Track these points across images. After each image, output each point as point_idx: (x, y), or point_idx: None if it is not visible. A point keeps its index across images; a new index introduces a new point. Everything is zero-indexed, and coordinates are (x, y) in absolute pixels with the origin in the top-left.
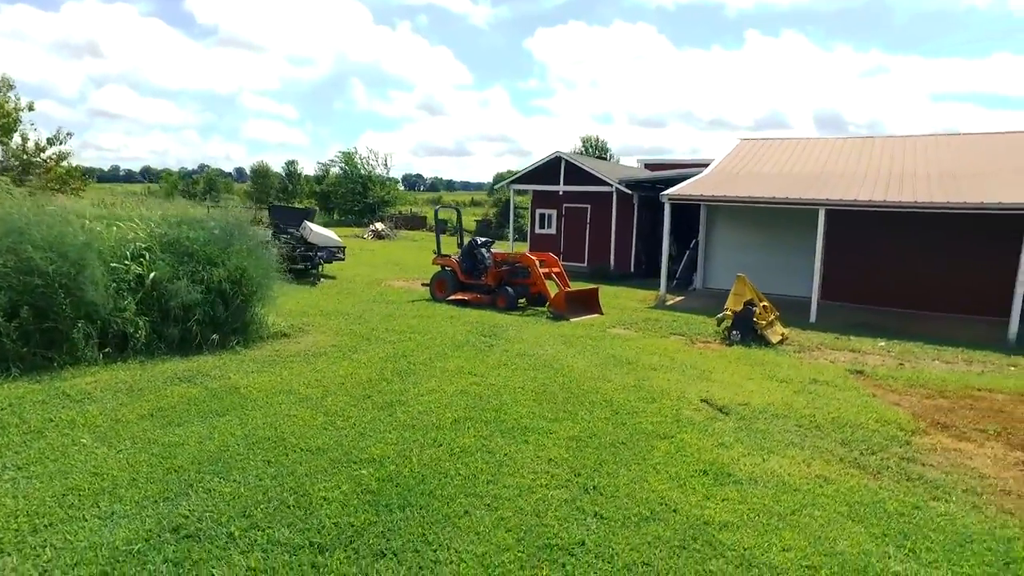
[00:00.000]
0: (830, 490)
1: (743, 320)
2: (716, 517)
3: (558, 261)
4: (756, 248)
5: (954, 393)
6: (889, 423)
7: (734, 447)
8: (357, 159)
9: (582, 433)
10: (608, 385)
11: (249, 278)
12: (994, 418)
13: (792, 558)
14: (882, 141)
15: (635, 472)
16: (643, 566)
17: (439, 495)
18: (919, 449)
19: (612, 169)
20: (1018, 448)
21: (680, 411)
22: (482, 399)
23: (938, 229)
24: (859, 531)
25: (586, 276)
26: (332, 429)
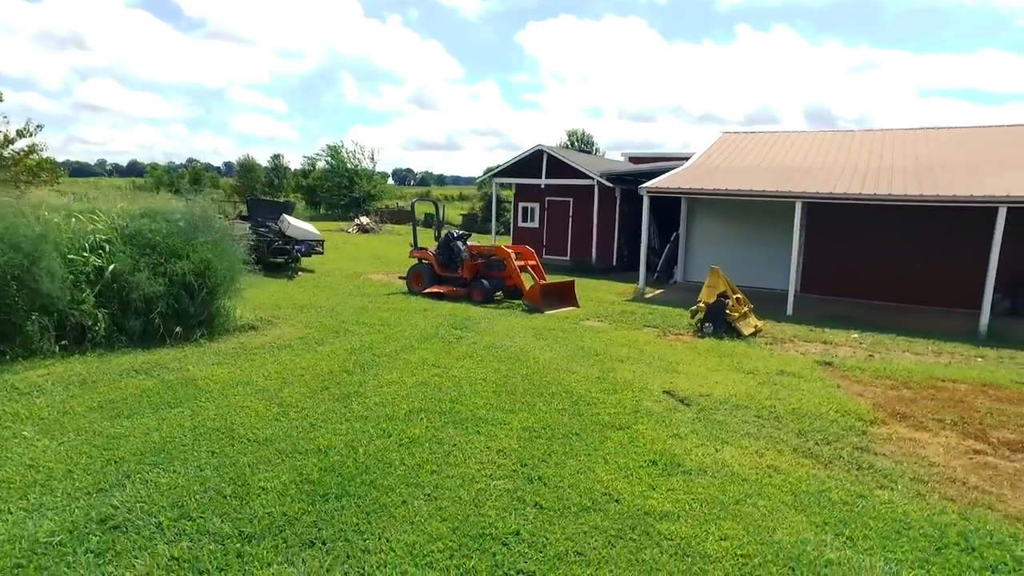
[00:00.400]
0: (778, 480)
1: (715, 312)
2: (658, 507)
3: (534, 254)
4: (736, 241)
5: (918, 384)
6: (848, 414)
7: (688, 438)
8: (344, 153)
9: (536, 424)
10: (572, 377)
11: (214, 270)
12: (953, 408)
13: (727, 547)
14: (863, 135)
15: (583, 463)
16: (575, 555)
17: (379, 485)
18: (874, 439)
19: (594, 162)
20: (971, 437)
21: (640, 402)
22: (441, 390)
23: (917, 222)
24: (801, 520)
25: (568, 269)
26: (284, 420)
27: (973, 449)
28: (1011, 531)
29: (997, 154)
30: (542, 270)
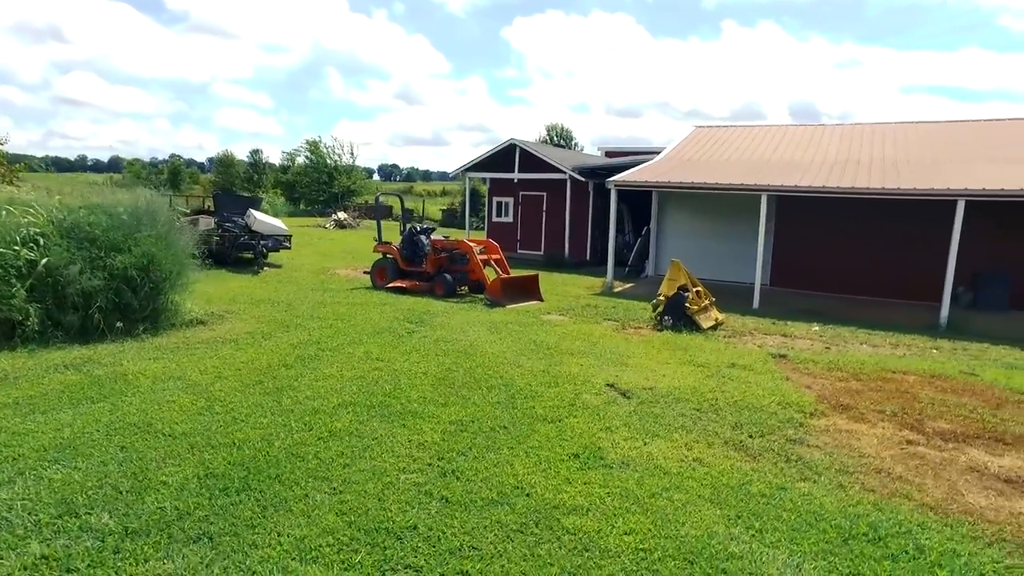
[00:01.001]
0: (701, 473)
1: (674, 305)
2: (568, 501)
3: (498, 248)
4: (708, 235)
5: (868, 375)
6: (790, 406)
7: (619, 431)
8: (323, 148)
9: (466, 417)
10: (516, 370)
11: (158, 265)
12: (897, 399)
13: (630, 541)
14: (836, 129)
15: (504, 456)
16: (470, 549)
17: (285, 479)
18: (811, 431)
19: (567, 156)
20: (907, 428)
21: (579, 395)
22: (377, 384)
23: (885, 217)
24: (714, 513)
25: (541, 264)
26: (207, 415)
27: (906, 440)
28: (920, 520)
29: (962, 150)
30: (506, 264)
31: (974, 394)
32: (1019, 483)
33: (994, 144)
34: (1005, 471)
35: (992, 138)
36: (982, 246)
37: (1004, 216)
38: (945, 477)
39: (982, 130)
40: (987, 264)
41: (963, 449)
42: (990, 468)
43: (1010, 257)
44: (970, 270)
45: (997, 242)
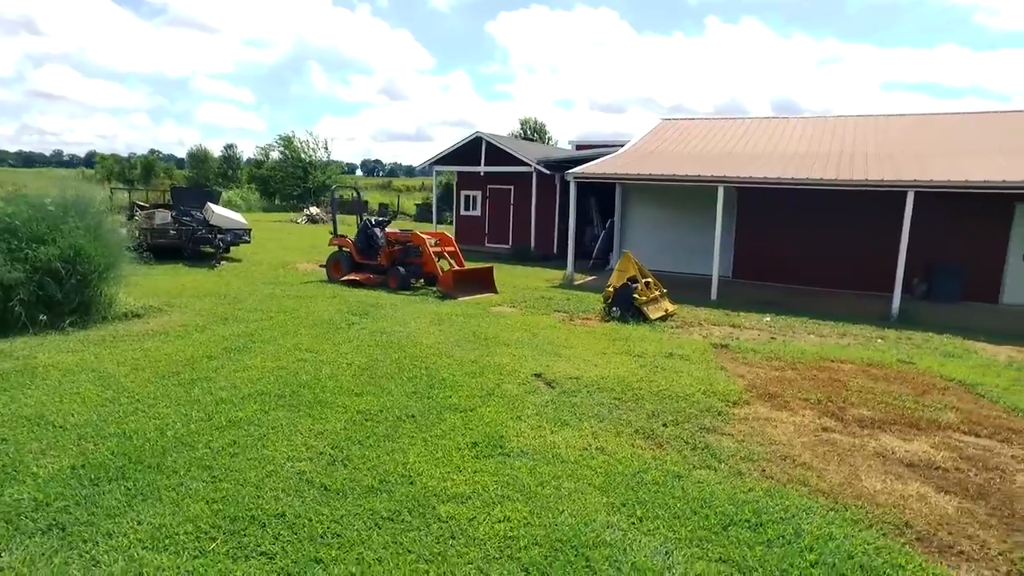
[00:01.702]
0: (599, 461)
1: (622, 296)
2: (451, 489)
3: (452, 240)
4: (671, 227)
5: (805, 364)
6: (715, 395)
7: (529, 420)
8: (297, 143)
9: (375, 407)
10: (445, 360)
11: (87, 257)
12: (827, 387)
13: (500, 529)
14: (802, 122)
15: (401, 445)
16: (333, 537)
17: (166, 468)
18: (729, 419)
19: (534, 149)
20: (828, 415)
21: (501, 385)
22: (297, 375)
23: (843, 209)
24: (599, 501)
25: (507, 257)
26: (109, 406)
27: (823, 427)
28: (808, 505)
29: (922, 143)
30: (460, 256)
31: (904, 382)
32: (919, 467)
33: (954, 138)
34: (910, 456)
35: (953, 132)
36: (938, 238)
37: (959, 209)
38: (849, 463)
39: (943, 124)
40: (943, 256)
41: (877, 435)
42: (897, 453)
43: (964, 249)
44: (925, 262)
45: (952, 234)
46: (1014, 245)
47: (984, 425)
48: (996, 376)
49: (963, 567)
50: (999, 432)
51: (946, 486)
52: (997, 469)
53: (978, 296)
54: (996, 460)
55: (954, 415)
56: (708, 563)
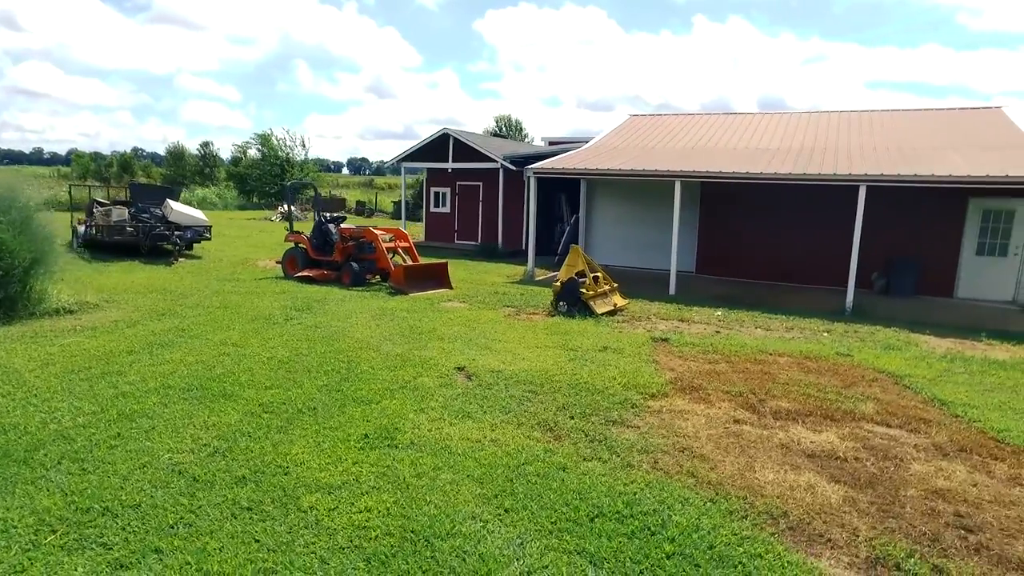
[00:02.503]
0: (486, 453)
1: (569, 291)
2: (324, 480)
3: (407, 236)
4: (636, 223)
5: (740, 358)
6: (635, 388)
7: (431, 412)
8: (274, 141)
9: (279, 400)
10: (371, 354)
11: (10, 252)
12: (755, 380)
13: (358, 519)
14: (770, 117)
15: (291, 436)
16: (184, 527)
17: (34, 461)
18: (642, 412)
19: (501, 145)
20: (745, 407)
21: (418, 378)
22: (212, 369)
23: (805, 204)
24: (471, 492)
25: (475, 254)
26: (2, 399)
27: (735, 419)
28: (686, 496)
29: (880, 139)
30: (415, 252)
31: (835, 374)
32: (819, 457)
33: (915, 134)
34: (815, 447)
35: (913, 129)
36: (897, 234)
37: (917, 205)
38: (749, 454)
39: (903, 120)
40: (903, 251)
41: (788, 427)
42: (802, 444)
43: (922, 245)
44: (884, 257)
45: (911, 230)
46: (967, 240)
47: (898, 416)
48: (927, 368)
49: (825, 555)
50: (910, 422)
51: (839, 476)
52: (895, 458)
53: (934, 290)
54: (898, 450)
55: (872, 406)
56: (559, 554)
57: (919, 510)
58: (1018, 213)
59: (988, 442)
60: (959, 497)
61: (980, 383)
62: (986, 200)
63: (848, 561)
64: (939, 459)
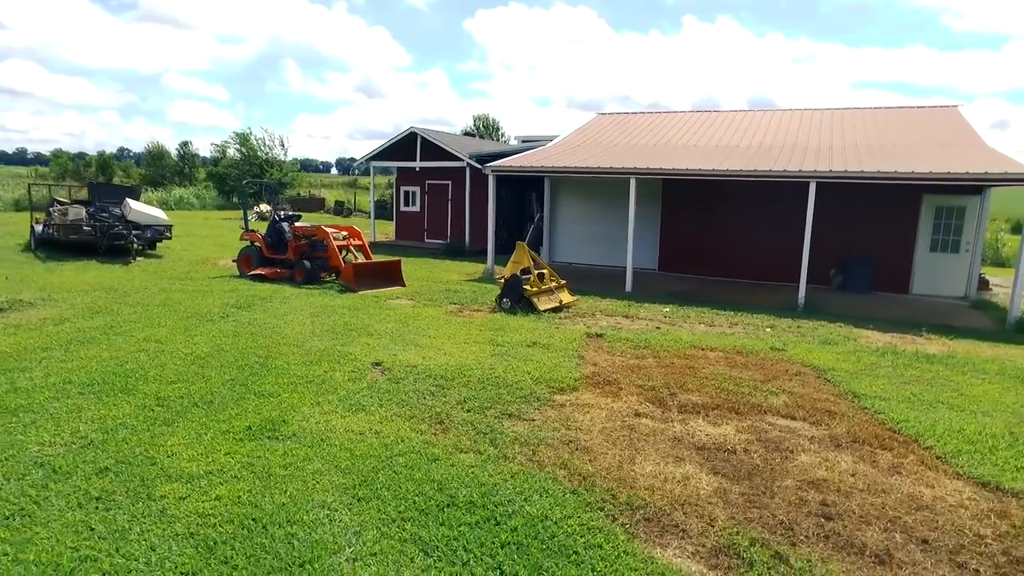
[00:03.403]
0: (364, 445)
1: (512, 288)
2: (187, 470)
3: (361, 234)
4: (600, 220)
5: (670, 353)
6: (546, 382)
7: (326, 406)
8: (253, 141)
9: (179, 394)
10: (292, 350)
11: None
12: (675, 374)
13: (205, 507)
14: (737, 115)
15: (174, 428)
16: (20, 516)
17: None
18: (544, 405)
19: (468, 144)
20: (652, 402)
21: (330, 373)
22: (123, 364)
23: (764, 201)
24: (331, 482)
25: (442, 252)
26: None
27: (638, 412)
28: (547, 487)
29: (838, 136)
30: (368, 250)
31: (760, 368)
32: (708, 450)
33: (874, 132)
34: (708, 439)
35: (872, 126)
36: (856, 231)
37: (874, 202)
38: (636, 447)
39: (863, 118)
40: (860, 248)
41: (689, 420)
42: (696, 437)
43: (879, 242)
44: (842, 254)
45: (868, 227)
46: (921, 237)
47: (806, 408)
48: (855, 362)
49: (672, 544)
50: (815, 415)
51: (720, 468)
52: (785, 450)
53: (890, 287)
54: (791, 442)
55: (784, 399)
56: (394, 542)
57: (787, 500)
58: (968, 210)
59: (884, 433)
60: (832, 487)
61: (901, 376)
62: (938, 197)
63: (692, 551)
64: (829, 450)
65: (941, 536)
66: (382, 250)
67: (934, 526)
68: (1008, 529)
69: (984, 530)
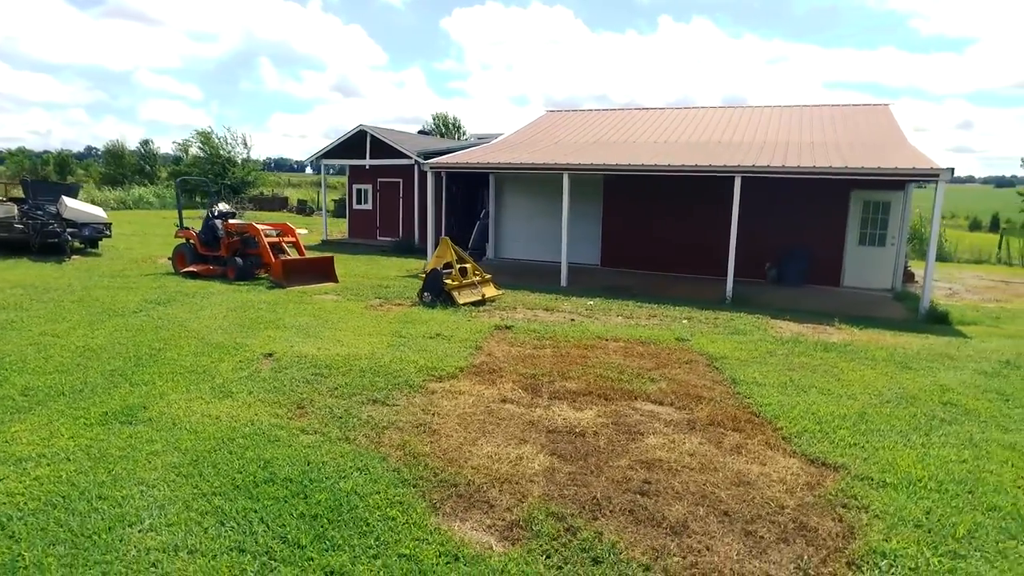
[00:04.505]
0: (214, 428)
1: (432, 282)
2: (19, 453)
3: (294, 231)
4: (543, 216)
5: (572, 344)
6: (428, 370)
7: (196, 392)
8: (215, 139)
9: (48, 384)
10: (190, 343)
11: None
12: (563, 363)
13: (17, 488)
14: (683, 112)
15: (29, 415)
16: None
17: None
18: (415, 392)
19: (418, 142)
20: (525, 389)
21: (217, 363)
22: (4, 358)
23: (700, 197)
24: (165, 461)
25: (391, 250)
26: None
27: (506, 399)
28: (368, 466)
29: (776, 133)
30: (301, 246)
31: (654, 357)
32: (559, 432)
33: (809, 128)
34: (564, 423)
35: (807, 123)
36: (792, 226)
37: (808, 198)
38: (486, 430)
39: (800, 115)
40: (794, 243)
41: (554, 405)
42: (553, 421)
43: (814, 236)
44: (777, 248)
45: (803, 222)
46: (851, 231)
47: (678, 394)
48: (751, 351)
49: (472, 519)
50: (684, 400)
51: (560, 450)
52: (636, 433)
53: (823, 280)
54: (646, 425)
55: (663, 386)
56: (196, 514)
57: (612, 478)
58: (893, 205)
59: (744, 416)
60: (664, 466)
61: (789, 364)
62: (865, 192)
63: (489, 524)
64: (681, 433)
65: (745, 508)
66: (334, 248)
67: (744, 499)
68: (812, 500)
69: (789, 501)
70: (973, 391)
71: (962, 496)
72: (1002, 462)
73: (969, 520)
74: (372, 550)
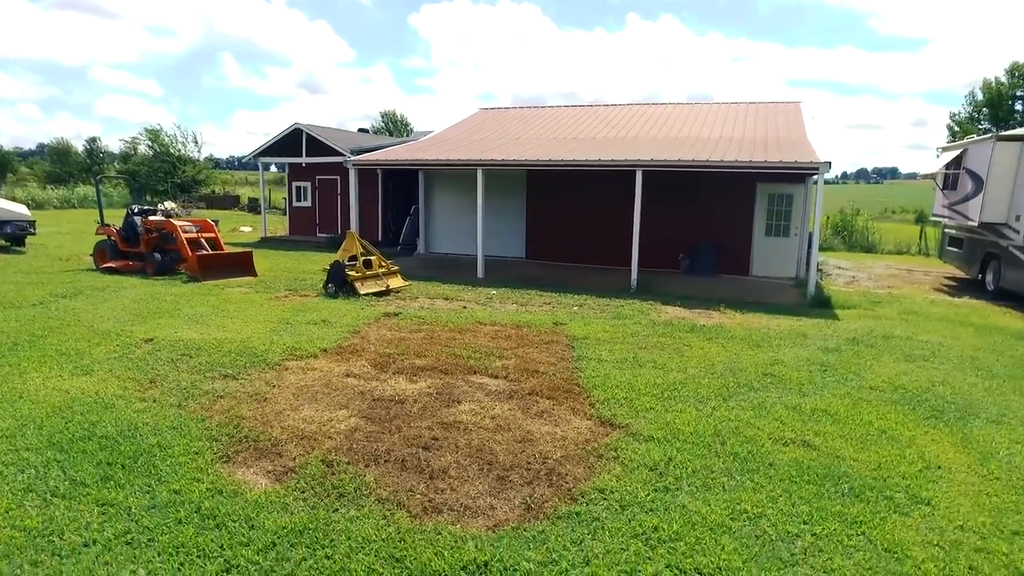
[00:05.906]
0: (61, 399)
1: (335, 274)
2: None
3: (214, 227)
4: (469, 212)
5: (449, 328)
6: (293, 351)
7: (59, 371)
8: (165, 137)
9: None
10: (78, 331)
11: None
12: (427, 344)
13: None
14: (610, 109)
15: None
16: None
17: None
18: (270, 368)
19: (352, 139)
20: (374, 365)
21: (95, 347)
22: None
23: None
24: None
25: (326, 246)
26: None
27: (351, 373)
28: (184, 426)
29: (684, 128)
30: (220, 242)
31: (518, 339)
32: (381, 400)
33: (719, 124)
34: (393, 393)
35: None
36: (703, 218)
37: (720, 191)
38: (314, 398)
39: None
40: (707, 234)
41: (392, 379)
42: (383, 391)
43: (726, 228)
44: (691, 240)
45: (716, 215)
46: (758, 223)
47: (518, 370)
48: (615, 333)
49: (256, 466)
50: (518, 374)
51: (373, 414)
52: (454, 401)
53: (734, 270)
54: (469, 395)
55: (508, 362)
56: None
57: (406, 436)
58: (795, 197)
59: (566, 387)
60: (461, 427)
61: (644, 343)
62: (769, 186)
63: (270, 470)
64: (497, 401)
65: (511, 459)
66: (273, 245)
67: (516, 453)
68: (577, 453)
69: (556, 454)
70: (801, 364)
71: (713, 447)
72: (774, 419)
73: (701, 465)
74: (148, 488)
